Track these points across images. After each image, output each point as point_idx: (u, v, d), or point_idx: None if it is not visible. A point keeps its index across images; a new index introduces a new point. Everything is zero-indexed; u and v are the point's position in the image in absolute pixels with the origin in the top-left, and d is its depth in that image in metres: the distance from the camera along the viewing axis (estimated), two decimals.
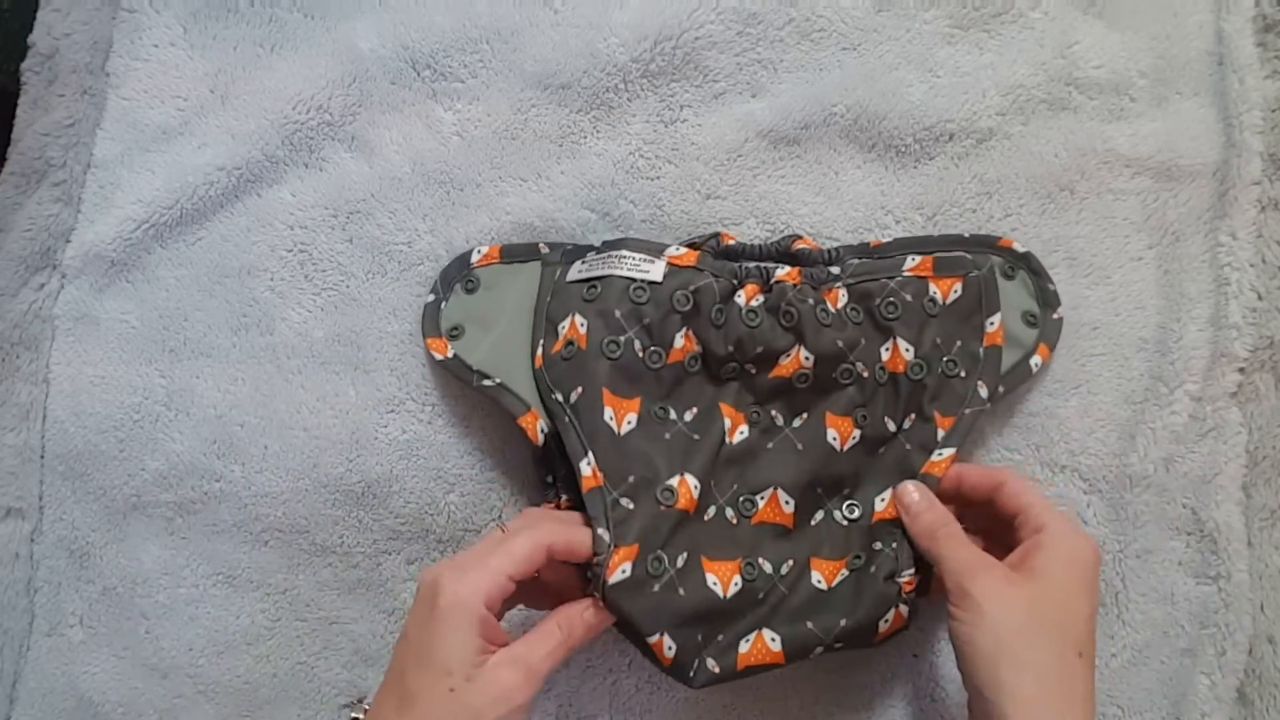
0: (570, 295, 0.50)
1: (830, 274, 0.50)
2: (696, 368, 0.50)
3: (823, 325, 0.49)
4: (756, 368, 0.50)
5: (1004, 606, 0.42)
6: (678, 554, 0.46)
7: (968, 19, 0.56)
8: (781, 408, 0.50)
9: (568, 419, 0.48)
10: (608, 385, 0.48)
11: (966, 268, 0.51)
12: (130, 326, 0.56)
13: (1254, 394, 0.54)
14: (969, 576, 0.43)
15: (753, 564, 0.48)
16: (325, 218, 0.56)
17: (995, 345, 0.51)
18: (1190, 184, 0.55)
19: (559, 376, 0.49)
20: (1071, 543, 0.44)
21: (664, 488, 0.47)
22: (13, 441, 0.55)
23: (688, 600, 0.46)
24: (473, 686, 0.41)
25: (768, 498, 0.49)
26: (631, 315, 0.48)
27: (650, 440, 0.48)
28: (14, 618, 0.55)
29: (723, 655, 0.46)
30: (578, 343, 0.49)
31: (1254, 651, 0.53)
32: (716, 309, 0.49)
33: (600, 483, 0.47)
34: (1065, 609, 0.43)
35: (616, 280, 0.49)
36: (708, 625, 0.46)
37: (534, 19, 0.56)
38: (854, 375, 0.49)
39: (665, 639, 0.45)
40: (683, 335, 0.49)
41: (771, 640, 0.47)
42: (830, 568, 0.49)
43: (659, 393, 0.49)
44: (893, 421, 0.50)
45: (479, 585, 0.42)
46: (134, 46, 0.57)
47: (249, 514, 0.55)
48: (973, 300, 0.51)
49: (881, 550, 0.48)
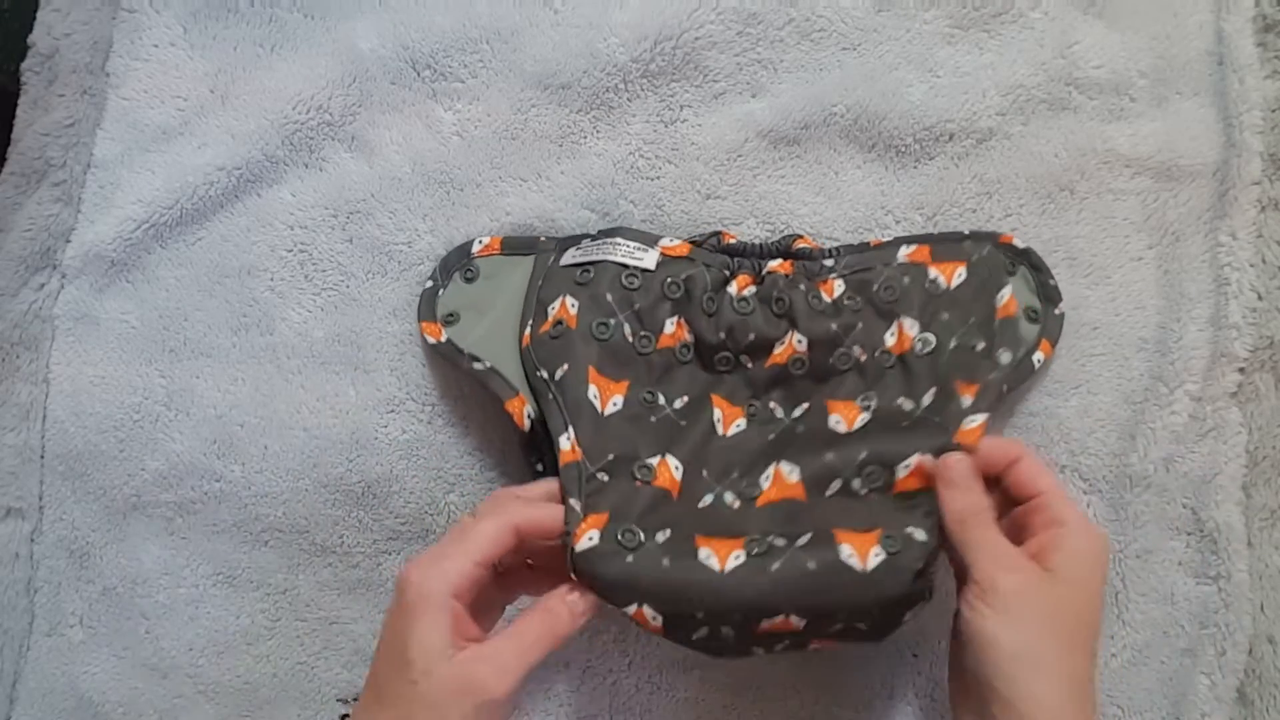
0: (562, 279, 0.50)
1: (824, 266, 0.50)
2: (689, 357, 0.50)
3: (815, 311, 0.49)
4: (751, 359, 0.49)
5: (1034, 608, 0.41)
6: (656, 530, 0.45)
7: (968, 19, 0.56)
8: (780, 399, 0.50)
9: (551, 395, 0.48)
10: (595, 365, 0.48)
11: (968, 253, 0.51)
12: (130, 326, 0.56)
13: (1254, 394, 0.54)
14: (1004, 570, 0.41)
15: (758, 540, 0.45)
16: (325, 218, 0.56)
17: (1009, 317, 0.50)
18: (1190, 184, 0.55)
19: (546, 355, 0.49)
20: (1089, 541, 0.43)
21: (642, 465, 0.47)
22: (13, 441, 0.55)
23: (673, 572, 0.44)
24: (434, 680, 0.40)
25: (771, 476, 0.47)
26: (623, 300, 0.49)
27: (634, 422, 0.48)
28: (14, 618, 0.55)
29: (740, 625, 0.45)
30: (567, 323, 0.49)
31: (1254, 651, 0.53)
32: (708, 297, 0.49)
33: (578, 458, 0.46)
34: (1085, 613, 0.42)
35: (609, 266, 0.49)
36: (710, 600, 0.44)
37: (534, 19, 0.56)
38: (852, 360, 0.49)
39: (646, 610, 0.44)
40: (674, 322, 0.49)
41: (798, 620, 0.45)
42: (861, 541, 0.45)
43: (649, 379, 0.49)
44: (910, 400, 0.48)
45: (445, 576, 0.41)
46: (134, 46, 0.57)
47: (249, 514, 0.55)
48: (980, 281, 0.50)
49: (923, 542, 0.45)
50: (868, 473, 0.46)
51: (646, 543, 0.45)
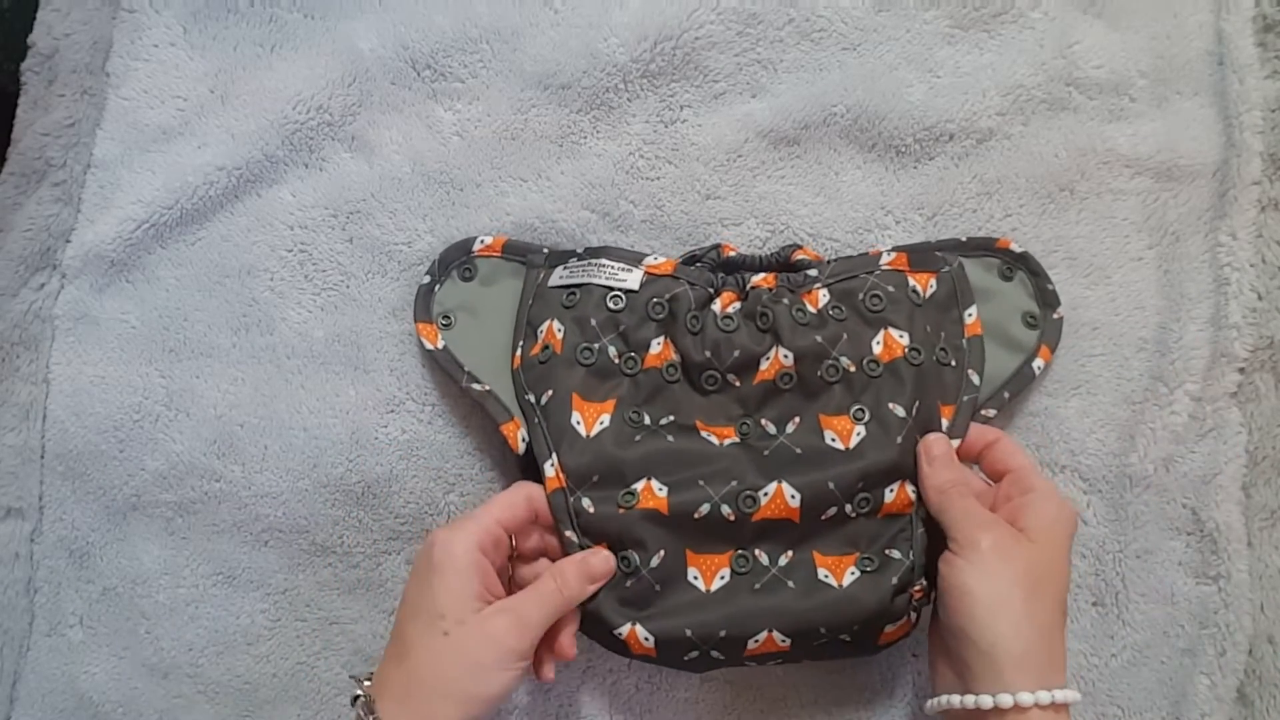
0: (550, 301, 0.51)
1: (808, 276, 0.50)
2: (676, 376, 0.50)
3: (799, 324, 0.49)
4: (739, 377, 0.49)
5: (1006, 562, 0.44)
6: (651, 555, 0.47)
7: (968, 19, 0.56)
8: (772, 415, 0.49)
9: (537, 420, 0.49)
10: (579, 391, 0.49)
11: (938, 264, 0.51)
12: (130, 326, 0.56)
13: (1254, 394, 0.54)
14: (979, 529, 0.45)
15: (746, 556, 0.48)
16: (325, 218, 0.56)
17: (976, 335, 0.51)
18: (1190, 184, 0.55)
19: (533, 379, 0.50)
20: (1056, 508, 0.46)
21: (626, 492, 0.48)
22: (13, 441, 0.55)
23: (663, 594, 0.47)
24: (466, 629, 0.43)
25: (772, 493, 0.48)
26: (608, 323, 0.49)
27: (619, 442, 0.48)
28: (14, 618, 0.55)
29: (729, 648, 0.47)
30: (554, 348, 0.50)
31: (1254, 651, 0.53)
32: (692, 316, 0.49)
33: (562, 484, 0.48)
34: (1053, 569, 0.45)
35: (594, 289, 0.50)
36: (696, 621, 0.47)
37: (534, 19, 0.56)
38: (840, 372, 0.49)
39: (638, 629, 0.47)
40: (660, 342, 0.50)
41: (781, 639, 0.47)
42: (836, 564, 0.48)
43: (635, 399, 0.50)
44: (901, 407, 0.48)
45: (471, 534, 0.45)
46: (134, 46, 0.57)
47: (249, 514, 0.55)
48: (948, 295, 0.51)
49: (899, 560, 0.47)
50: (859, 500, 0.48)
51: (640, 567, 0.47)
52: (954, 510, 0.46)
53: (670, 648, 0.47)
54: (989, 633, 0.42)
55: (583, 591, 0.47)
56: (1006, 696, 0.42)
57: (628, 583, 0.47)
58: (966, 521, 0.45)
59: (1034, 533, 0.44)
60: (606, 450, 0.48)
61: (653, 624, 0.47)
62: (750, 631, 0.47)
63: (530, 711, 0.55)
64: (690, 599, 0.47)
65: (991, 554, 0.44)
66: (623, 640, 0.47)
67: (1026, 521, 0.45)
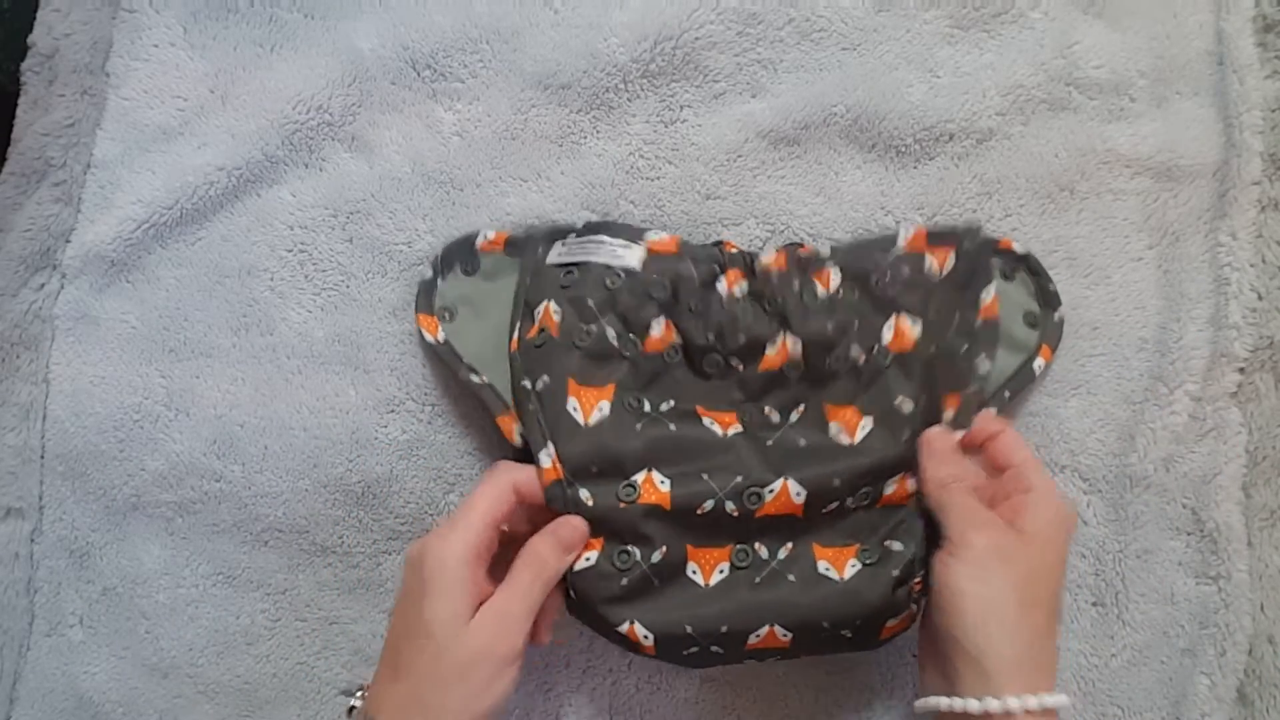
0: (548, 280, 0.50)
1: (819, 255, 0.49)
2: (677, 359, 0.49)
3: (809, 309, 0.47)
4: (743, 362, 0.48)
5: (1006, 564, 0.43)
6: (652, 550, 0.46)
7: (968, 19, 0.56)
8: (775, 402, 0.49)
9: (532, 407, 0.48)
10: (575, 375, 0.47)
11: (959, 238, 0.49)
12: (130, 326, 0.56)
13: (1254, 394, 0.54)
14: (976, 528, 0.44)
15: (746, 550, 0.47)
16: (325, 218, 0.56)
17: (992, 318, 0.50)
18: (1190, 184, 0.55)
19: (529, 363, 0.49)
20: (1055, 508, 0.45)
21: (626, 484, 0.46)
22: (13, 441, 0.55)
23: (663, 590, 0.46)
24: (457, 645, 0.42)
25: (777, 490, 0.47)
26: (605, 303, 0.48)
27: (619, 432, 0.47)
28: (14, 618, 0.55)
29: (729, 643, 0.46)
30: (550, 330, 0.48)
31: (1254, 651, 0.53)
32: (695, 297, 0.48)
33: (560, 475, 0.47)
34: (1049, 571, 0.44)
35: (593, 267, 0.49)
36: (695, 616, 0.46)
37: (534, 19, 0.56)
38: (849, 362, 0.48)
39: (637, 627, 0.46)
40: (661, 324, 0.48)
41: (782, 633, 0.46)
42: (837, 555, 0.47)
43: (635, 383, 0.48)
44: (910, 401, 0.48)
45: (462, 541, 0.43)
46: (134, 46, 0.57)
47: (249, 514, 0.55)
48: (966, 271, 0.49)
49: (900, 552, 0.47)
50: (861, 493, 0.47)
51: (641, 563, 0.46)
52: (952, 507, 0.45)
53: (669, 644, 0.46)
54: (979, 637, 0.42)
55: (562, 564, 0.45)
56: (995, 701, 0.41)
57: (624, 580, 0.46)
58: (963, 520, 0.44)
59: (1031, 533, 0.44)
60: (606, 441, 0.47)
61: (651, 620, 0.46)
62: (751, 626, 0.46)
63: (530, 711, 0.55)
64: (689, 594, 0.46)
65: (987, 555, 0.43)
66: (624, 635, 0.47)
67: (1024, 521, 0.44)
